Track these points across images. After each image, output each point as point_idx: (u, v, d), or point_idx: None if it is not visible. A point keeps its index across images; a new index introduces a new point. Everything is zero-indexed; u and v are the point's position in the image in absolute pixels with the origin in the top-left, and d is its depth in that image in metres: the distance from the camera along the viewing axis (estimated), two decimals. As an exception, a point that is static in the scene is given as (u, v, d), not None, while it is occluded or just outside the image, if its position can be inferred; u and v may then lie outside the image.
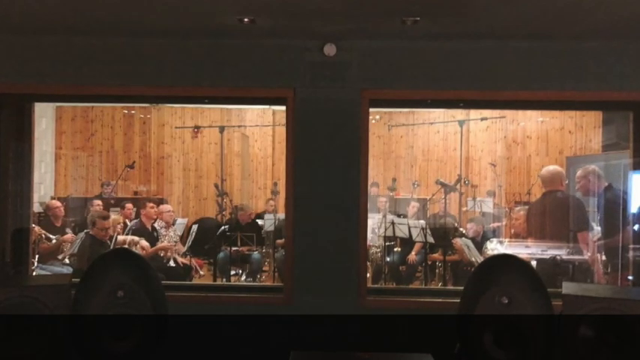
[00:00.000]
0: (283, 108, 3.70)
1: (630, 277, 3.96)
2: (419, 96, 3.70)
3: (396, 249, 6.80)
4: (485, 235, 6.59)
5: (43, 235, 6.12)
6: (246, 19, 3.14)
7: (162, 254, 6.55)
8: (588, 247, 4.55)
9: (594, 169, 4.72)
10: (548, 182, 4.81)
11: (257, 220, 7.64)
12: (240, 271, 7.19)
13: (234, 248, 6.85)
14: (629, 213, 4.24)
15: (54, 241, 6.19)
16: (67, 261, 6.03)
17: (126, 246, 5.96)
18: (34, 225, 5.37)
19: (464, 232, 6.84)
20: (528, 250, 4.82)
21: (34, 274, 5.06)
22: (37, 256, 5.81)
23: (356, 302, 3.58)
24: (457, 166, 8.98)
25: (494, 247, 5.73)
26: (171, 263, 6.56)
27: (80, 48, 3.58)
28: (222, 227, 7.06)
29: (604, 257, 4.54)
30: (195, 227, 7.45)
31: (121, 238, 6.30)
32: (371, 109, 3.67)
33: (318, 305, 3.54)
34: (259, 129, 10.05)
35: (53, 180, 9.19)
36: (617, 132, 6.26)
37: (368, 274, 5.37)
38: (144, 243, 6.30)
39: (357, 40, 3.53)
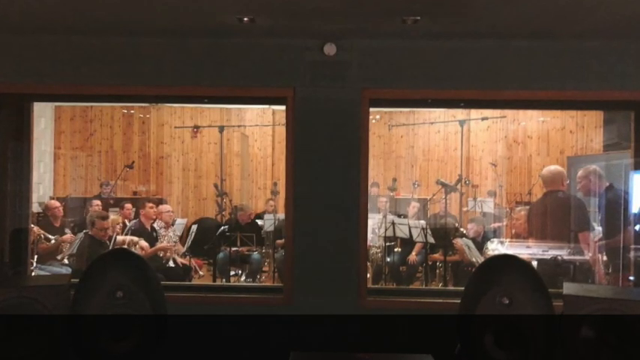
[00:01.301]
0: (283, 108, 3.68)
1: (631, 278, 3.95)
2: (419, 95, 3.69)
3: (396, 249, 6.79)
4: (486, 236, 6.58)
5: (42, 236, 6.11)
6: (245, 19, 3.13)
7: (161, 254, 6.53)
8: (589, 248, 4.54)
9: (595, 169, 4.71)
10: (549, 182, 4.81)
11: (257, 221, 7.62)
12: (240, 272, 7.17)
13: (233, 248, 6.83)
14: (630, 213, 4.23)
15: (53, 241, 6.18)
16: (66, 261, 6.02)
17: (125, 246, 5.95)
18: (32, 225, 5.36)
19: (464, 232, 6.83)
20: (529, 251, 4.81)
21: (32, 274, 5.05)
22: (35, 257, 5.80)
23: (356, 302, 3.56)
24: (458, 166, 8.96)
25: (495, 248, 5.72)
26: (171, 263, 6.54)
27: (79, 47, 3.57)
28: (222, 227, 7.04)
29: (605, 257, 4.54)
30: (194, 227, 7.44)
31: (120, 238, 6.29)
32: (371, 109, 3.66)
33: (318, 305, 3.53)
34: (259, 129, 10.03)
35: (52, 180, 9.17)
36: (619, 132, 6.26)
37: (368, 275, 5.36)
38: (143, 243, 6.29)
39: (357, 39, 3.52)
